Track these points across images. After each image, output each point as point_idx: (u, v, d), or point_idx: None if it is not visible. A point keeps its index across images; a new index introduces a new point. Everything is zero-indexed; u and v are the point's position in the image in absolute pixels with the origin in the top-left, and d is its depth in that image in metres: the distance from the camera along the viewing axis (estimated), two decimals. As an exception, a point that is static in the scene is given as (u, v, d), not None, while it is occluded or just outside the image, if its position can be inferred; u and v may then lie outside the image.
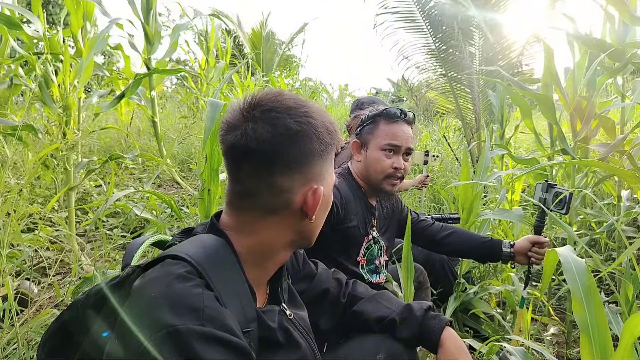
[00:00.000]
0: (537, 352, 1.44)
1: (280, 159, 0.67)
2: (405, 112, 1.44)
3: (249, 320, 0.64)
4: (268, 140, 0.65)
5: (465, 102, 4.49)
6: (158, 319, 0.52)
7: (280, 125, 0.65)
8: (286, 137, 0.66)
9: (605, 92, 3.68)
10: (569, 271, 0.83)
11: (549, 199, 1.44)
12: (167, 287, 0.56)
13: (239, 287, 0.65)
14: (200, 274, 0.60)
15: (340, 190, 1.40)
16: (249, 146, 0.65)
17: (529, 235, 1.53)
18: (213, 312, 0.55)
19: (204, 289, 0.58)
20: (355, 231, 1.42)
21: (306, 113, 0.68)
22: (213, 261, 0.63)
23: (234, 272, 0.66)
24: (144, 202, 2.71)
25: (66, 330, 0.66)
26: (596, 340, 0.76)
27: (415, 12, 4.23)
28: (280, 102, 0.68)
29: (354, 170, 1.51)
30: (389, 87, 16.46)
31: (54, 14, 12.77)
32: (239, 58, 9.02)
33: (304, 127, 0.67)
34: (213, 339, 0.52)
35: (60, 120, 2.13)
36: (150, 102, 3.48)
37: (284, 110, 0.67)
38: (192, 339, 0.51)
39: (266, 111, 0.66)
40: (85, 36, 2.40)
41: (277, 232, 0.71)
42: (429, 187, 3.45)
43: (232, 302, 0.61)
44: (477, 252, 1.61)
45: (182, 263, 0.60)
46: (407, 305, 0.97)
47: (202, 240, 0.68)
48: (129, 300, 0.58)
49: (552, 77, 1.84)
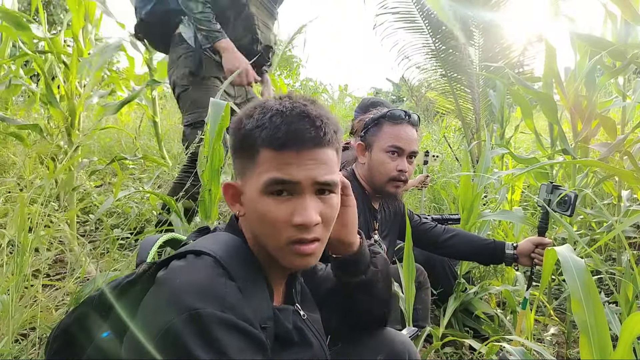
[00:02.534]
0: (537, 352, 1.44)
1: (232, 151, 0.72)
2: (409, 113, 1.43)
3: (267, 317, 0.64)
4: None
5: (465, 102, 4.49)
6: (182, 302, 0.54)
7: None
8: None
9: (607, 92, 3.68)
10: (569, 271, 0.83)
11: (554, 201, 1.44)
12: (192, 275, 0.58)
13: (258, 284, 0.66)
14: (223, 266, 0.61)
15: None
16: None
17: (532, 237, 1.53)
18: (235, 301, 0.56)
19: (227, 280, 0.59)
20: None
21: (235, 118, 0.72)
22: (234, 257, 0.64)
23: (253, 270, 0.67)
24: (144, 203, 2.71)
25: (79, 326, 0.66)
26: (596, 340, 0.76)
27: (415, 12, 4.22)
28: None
29: (358, 173, 1.50)
30: (389, 87, 16.44)
31: (54, 14, 12.76)
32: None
33: (237, 117, 0.71)
34: (233, 326, 0.54)
35: (64, 121, 2.13)
36: (151, 102, 3.49)
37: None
38: (213, 323, 0.52)
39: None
40: (87, 36, 2.40)
41: (246, 228, 0.73)
42: (429, 187, 3.45)
43: (251, 298, 0.62)
44: (479, 255, 1.61)
45: (205, 257, 0.62)
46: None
47: (221, 238, 0.69)
48: (154, 287, 0.60)
49: (554, 76, 1.84)
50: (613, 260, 2.29)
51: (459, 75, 4.34)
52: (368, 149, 1.45)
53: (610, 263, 2.28)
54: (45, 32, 2.24)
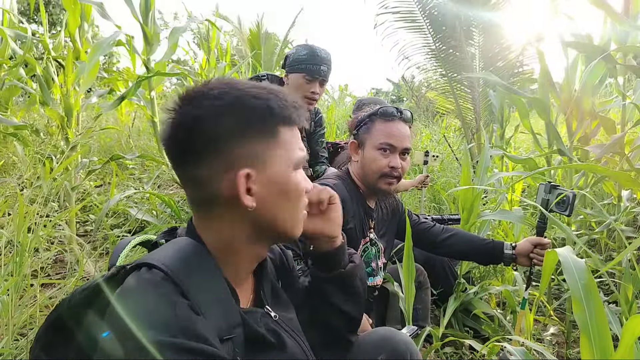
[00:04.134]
0: (537, 352, 1.44)
1: (186, 147, 0.62)
2: (401, 110, 1.41)
3: (233, 325, 0.62)
4: (171, 131, 0.62)
5: (465, 102, 4.49)
6: (130, 331, 0.51)
7: (178, 114, 0.62)
8: (185, 125, 0.61)
9: (607, 92, 3.67)
10: (569, 271, 0.83)
11: (552, 200, 1.43)
12: (139, 297, 0.56)
13: (219, 291, 0.63)
14: (174, 282, 0.58)
15: (337, 191, 1.38)
16: (163, 140, 0.64)
17: (531, 237, 1.52)
18: (185, 322, 0.54)
19: (178, 297, 0.56)
20: (352, 233, 1.39)
21: (206, 95, 0.62)
22: (189, 267, 0.61)
23: (212, 277, 0.64)
24: (144, 203, 2.71)
25: (57, 328, 0.65)
26: (596, 341, 0.76)
27: (415, 12, 4.22)
28: (193, 90, 0.63)
29: (353, 172, 1.49)
30: (389, 87, 16.46)
31: (53, 14, 12.77)
32: (239, 58, 9.00)
33: (203, 112, 0.61)
34: (184, 350, 0.51)
35: (61, 121, 2.13)
36: (150, 102, 3.48)
37: (187, 99, 0.62)
38: (164, 351, 0.50)
39: (174, 102, 0.63)
40: (83, 36, 2.39)
41: (231, 226, 0.66)
42: (429, 187, 3.45)
43: (212, 309, 0.59)
44: (478, 255, 1.60)
45: (156, 272, 0.59)
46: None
47: (178, 245, 0.66)
48: (109, 309, 0.57)
49: (547, 78, 1.85)
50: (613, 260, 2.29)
51: (459, 76, 4.34)
52: (361, 147, 1.44)
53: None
54: (46, 31, 2.24)
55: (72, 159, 2.09)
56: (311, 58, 1.93)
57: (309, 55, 1.94)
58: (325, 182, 1.38)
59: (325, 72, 1.96)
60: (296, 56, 1.96)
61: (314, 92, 1.96)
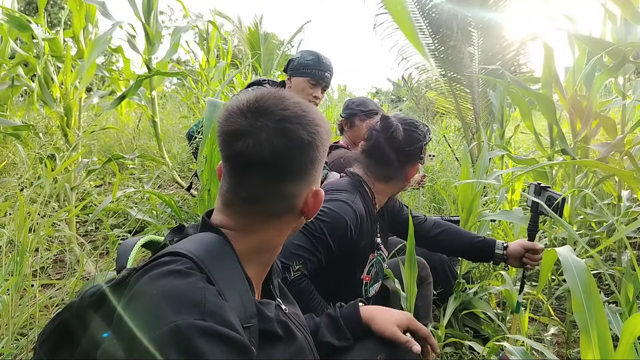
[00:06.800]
0: (537, 351, 1.44)
1: (290, 168, 0.69)
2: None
3: (250, 315, 0.64)
4: (283, 152, 0.66)
5: (465, 102, 4.49)
6: (159, 316, 0.52)
7: (294, 138, 0.67)
8: (299, 148, 0.68)
9: (607, 92, 3.68)
10: (569, 271, 0.83)
11: (542, 202, 1.41)
12: (167, 283, 0.56)
13: (239, 283, 0.65)
14: (201, 269, 0.60)
15: (357, 210, 1.30)
16: (262, 157, 0.65)
17: (523, 240, 1.50)
18: (214, 306, 0.55)
19: (205, 284, 0.58)
20: (363, 251, 1.37)
21: (314, 122, 0.70)
22: (213, 257, 0.63)
23: (234, 269, 0.66)
24: (144, 203, 2.71)
25: (63, 331, 0.65)
26: (596, 340, 0.76)
27: (415, 12, 4.23)
28: (289, 109, 0.68)
29: (368, 178, 1.41)
30: (389, 87, 16.45)
31: (52, 13, 12.77)
32: (239, 58, 9.00)
33: (314, 137, 0.69)
34: (214, 335, 0.52)
35: (61, 121, 2.13)
36: (151, 102, 3.48)
37: (295, 120, 0.68)
38: (193, 335, 0.50)
39: (279, 121, 0.66)
40: (87, 37, 2.40)
41: (279, 231, 0.73)
42: (429, 187, 3.45)
43: (232, 298, 0.61)
44: (468, 251, 1.59)
45: (182, 259, 0.60)
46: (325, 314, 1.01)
47: (201, 237, 0.68)
48: (130, 298, 0.57)
49: (552, 76, 1.84)
50: (613, 260, 2.30)
51: (459, 75, 4.34)
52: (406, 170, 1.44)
53: (611, 263, 2.28)
54: (46, 31, 2.24)
55: (73, 159, 2.09)
56: (317, 64, 2.03)
57: (315, 61, 2.03)
58: (340, 198, 1.30)
59: (328, 79, 2.06)
60: (302, 60, 2.04)
61: (316, 96, 2.04)
